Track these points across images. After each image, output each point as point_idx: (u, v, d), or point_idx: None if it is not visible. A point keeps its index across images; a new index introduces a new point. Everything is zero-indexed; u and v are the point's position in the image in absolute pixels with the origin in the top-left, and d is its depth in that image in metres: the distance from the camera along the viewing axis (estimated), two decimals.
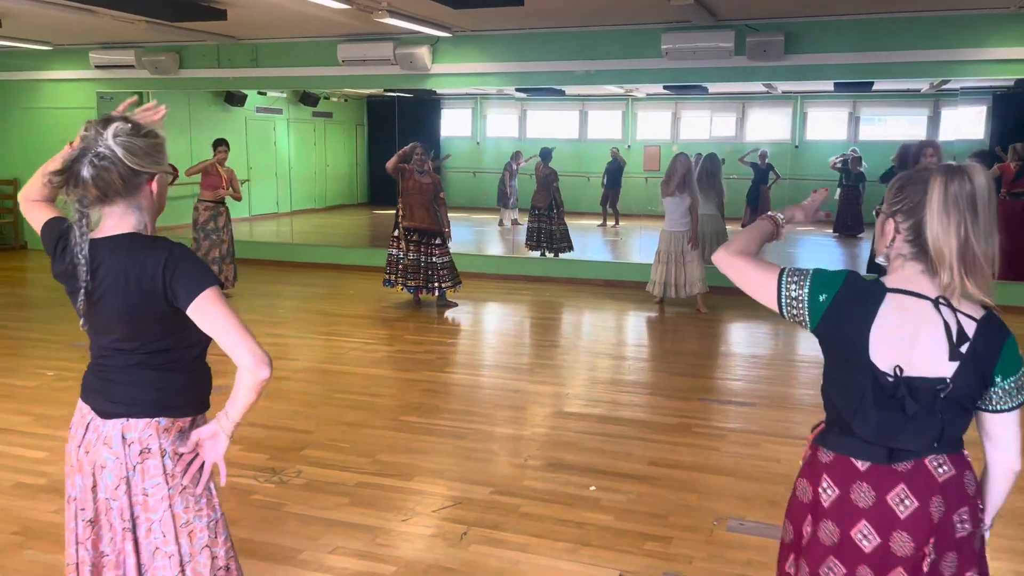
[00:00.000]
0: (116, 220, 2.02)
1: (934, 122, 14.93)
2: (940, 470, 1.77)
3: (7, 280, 9.88)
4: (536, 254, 10.92)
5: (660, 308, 8.35)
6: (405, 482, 4.08)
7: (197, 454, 2.14)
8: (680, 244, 8.01)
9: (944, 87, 11.86)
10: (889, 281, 1.80)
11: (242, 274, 9.80)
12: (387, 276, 8.30)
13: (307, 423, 4.89)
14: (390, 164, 8.03)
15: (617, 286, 9.62)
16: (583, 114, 17.74)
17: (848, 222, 12.99)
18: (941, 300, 1.73)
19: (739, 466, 4.33)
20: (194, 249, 8.40)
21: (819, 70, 8.70)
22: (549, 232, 10.98)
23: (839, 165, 13.28)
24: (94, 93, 11.50)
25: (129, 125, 1.97)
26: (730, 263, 1.92)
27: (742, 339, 7.36)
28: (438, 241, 8.14)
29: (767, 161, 13.45)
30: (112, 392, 2.07)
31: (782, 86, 13.44)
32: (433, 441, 4.64)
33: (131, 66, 10.93)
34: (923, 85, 12.29)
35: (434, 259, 8.12)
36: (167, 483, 2.07)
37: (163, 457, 2.07)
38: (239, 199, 8.67)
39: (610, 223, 14.93)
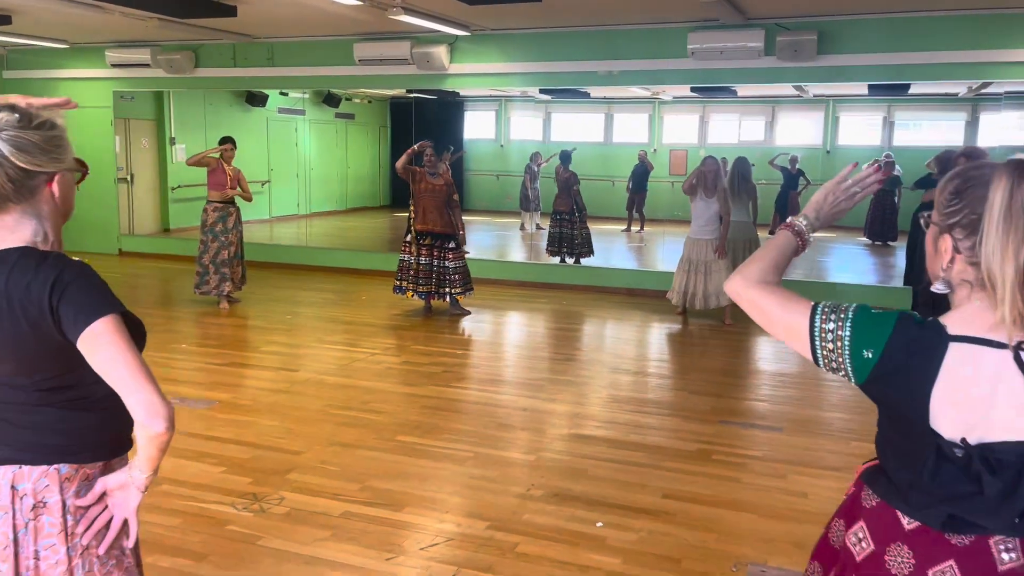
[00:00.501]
0: (6, 232, 1.68)
1: (972, 127, 14.34)
2: (1005, 556, 1.36)
3: None
4: (556, 260, 10.53)
5: (683, 319, 7.93)
6: (395, 513, 3.71)
7: (106, 507, 1.77)
8: (706, 253, 7.57)
9: (984, 91, 11.29)
10: (952, 324, 1.37)
11: (255, 277, 9.52)
12: (398, 283, 7.96)
13: (298, 442, 4.55)
14: (399, 164, 7.70)
15: (640, 295, 9.20)
16: (608, 117, 17.33)
17: (881, 229, 12.46)
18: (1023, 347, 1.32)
19: (762, 501, 3.91)
20: (201, 252, 8.12)
21: (853, 71, 8.23)
22: (570, 237, 10.58)
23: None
24: (111, 92, 11.30)
25: (16, 116, 1.62)
26: (747, 297, 1.52)
27: (769, 355, 6.92)
28: (452, 245, 7.78)
29: (797, 167, 12.96)
30: (3, 434, 1.72)
31: (813, 89, 12.93)
32: (429, 466, 4.27)
33: (147, 64, 10.73)
34: (961, 89, 11.73)
35: (447, 264, 7.77)
36: (66, 544, 1.71)
37: (62, 513, 1.71)
38: (249, 199, 8.37)
39: (635, 228, 14.51)
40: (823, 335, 1.42)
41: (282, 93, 14.89)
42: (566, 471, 4.22)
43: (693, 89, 11.94)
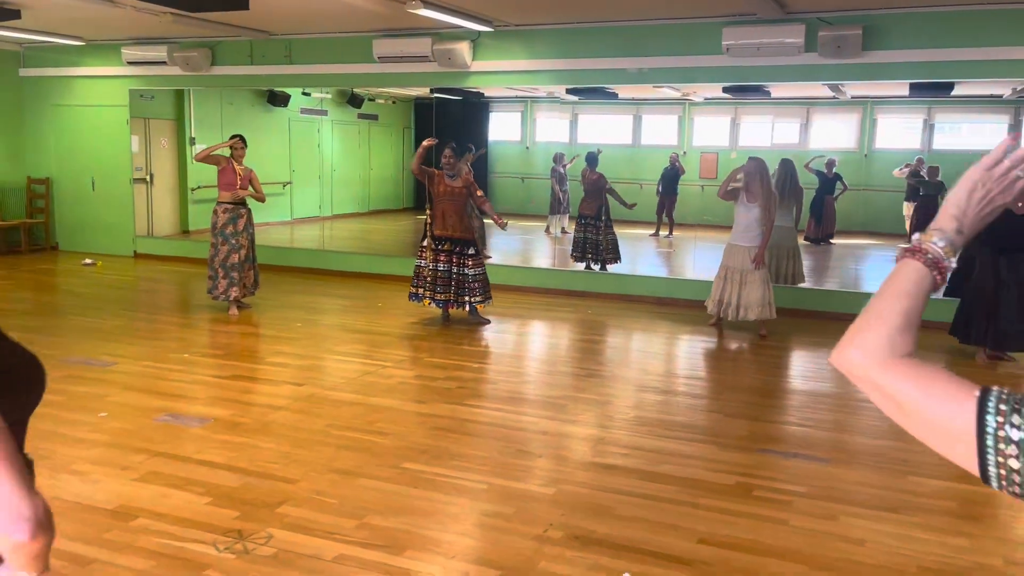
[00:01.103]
0: None
1: (1015, 131, 13.67)
2: None
3: (26, 283, 9.38)
4: (581, 266, 10.04)
5: (718, 331, 7.42)
6: (393, 556, 3.26)
7: None
8: (743, 260, 7.05)
9: None
10: None
11: (269, 282, 9.14)
12: (413, 290, 7.53)
13: (293, 469, 4.12)
14: (413, 165, 7.29)
15: (670, 304, 8.70)
16: (637, 119, 16.83)
17: None
18: None
19: (813, 548, 3.41)
20: (212, 255, 7.75)
21: (899, 69, 7.68)
22: (595, 243, 10.09)
23: (905, 174, 12.21)
24: (127, 90, 11.00)
25: None
26: (870, 382, 1.02)
27: (809, 372, 6.39)
28: (472, 251, 7.34)
29: (834, 170, 12.38)
30: None
31: (851, 90, 12.35)
32: (436, 499, 3.82)
33: (163, 62, 10.40)
34: (1006, 90, 11.08)
35: (467, 271, 7.32)
36: None
37: None
38: (262, 200, 7.98)
39: (663, 232, 14.00)
40: (1004, 445, 0.90)
41: (304, 93, 14.61)
42: (589, 508, 3.75)
43: (725, 90, 11.42)
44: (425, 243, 7.45)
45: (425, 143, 7.30)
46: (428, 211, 7.49)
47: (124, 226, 11.31)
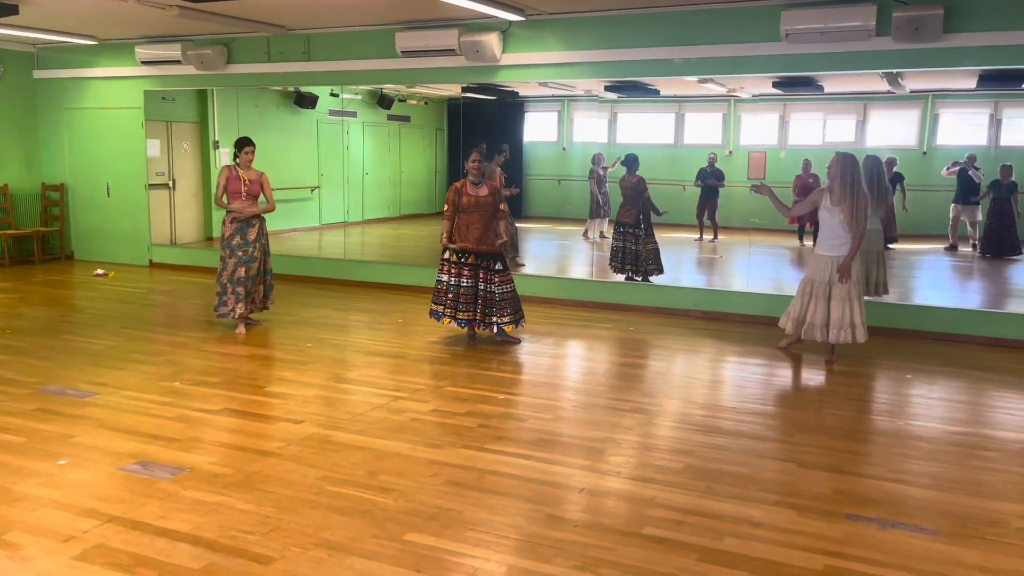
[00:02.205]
0: None
1: None
2: None
3: (31, 296, 8.75)
4: (621, 277, 9.14)
5: (788, 355, 6.45)
6: None
7: None
8: (830, 273, 6.06)
9: None
10: None
11: (286, 294, 8.44)
12: (434, 307, 6.72)
13: (272, 541, 3.31)
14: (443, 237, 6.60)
15: (720, 320, 7.77)
16: (679, 117, 15.86)
17: (1000, 241, 10.70)
18: None
19: None
20: (220, 268, 7.02)
21: (985, 54, 6.67)
22: (635, 253, 9.17)
23: (955, 173, 11.17)
24: (141, 92, 10.38)
25: None
26: None
27: (897, 407, 5.43)
28: (499, 267, 6.50)
29: (895, 170, 11.31)
30: None
31: (911, 83, 11.27)
32: None
33: (177, 61, 9.75)
34: None
35: (493, 288, 6.49)
36: None
37: None
38: (271, 209, 7.23)
39: (707, 237, 13.05)
40: None
41: (333, 94, 13.98)
42: None
43: (775, 84, 10.47)
44: (447, 255, 6.63)
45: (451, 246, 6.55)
46: (446, 221, 6.68)
47: (140, 234, 10.69)
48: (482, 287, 6.49)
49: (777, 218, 14.25)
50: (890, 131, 14.67)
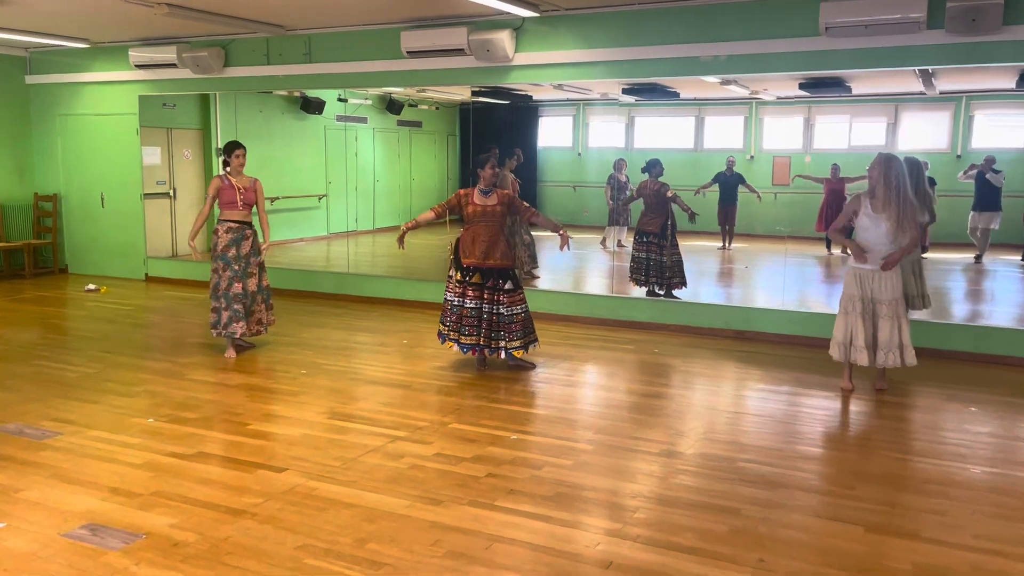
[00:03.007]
0: None
1: None
2: None
3: (12, 315, 8.16)
4: (642, 291, 8.45)
5: (847, 386, 5.68)
6: None
7: None
8: (879, 288, 5.37)
9: None
10: None
11: (285, 311, 7.83)
12: (441, 328, 6.07)
13: None
14: (429, 219, 6.05)
15: (752, 340, 7.08)
16: (699, 121, 15.16)
17: None
18: None
19: None
20: (213, 283, 6.41)
21: None
22: (659, 264, 8.47)
23: (972, 177, 10.43)
24: (136, 96, 9.80)
25: None
26: None
27: (971, 448, 4.71)
28: (509, 285, 5.84)
29: (927, 174, 10.52)
30: None
31: (943, 84, 10.53)
32: None
33: (172, 64, 9.16)
34: None
35: (502, 309, 5.83)
36: None
37: None
38: (263, 223, 6.63)
39: (733, 244, 12.38)
40: None
41: (340, 99, 13.42)
42: None
43: (802, 86, 9.81)
44: (452, 272, 5.99)
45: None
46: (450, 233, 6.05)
47: (135, 247, 10.11)
48: (487, 308, 5.83)
49: (804, 225, 13.48)
50: (921, 134, 13.91)
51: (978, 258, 10.27)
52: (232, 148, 6.52)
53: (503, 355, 5.89)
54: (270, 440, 4.59)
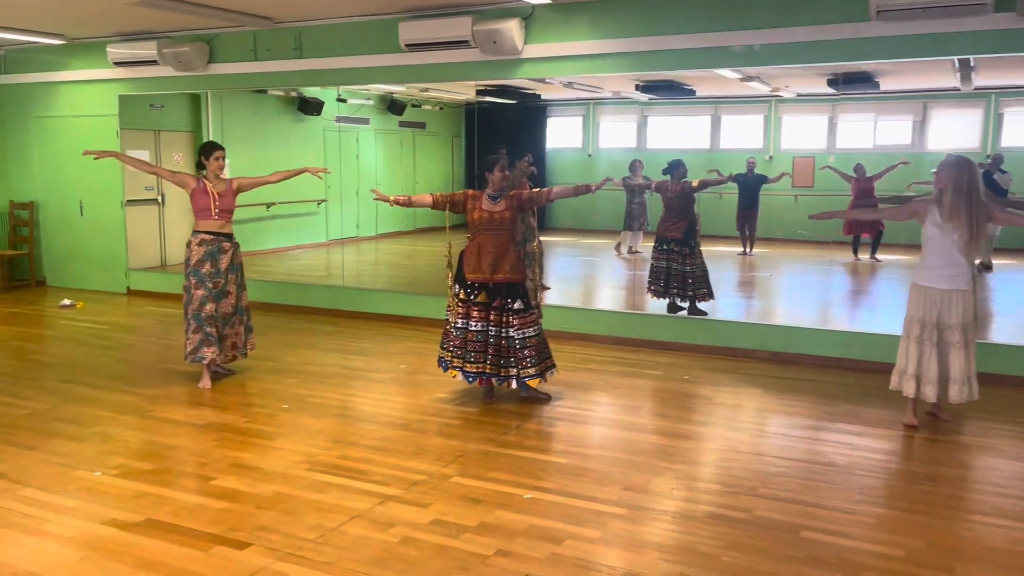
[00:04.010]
0: None
1: None
2: None
3: None
4: (661, 303, 7.61)
5: (912, 420, 4.82)
6: None
7: None
8: (949, 311, 4.56)
9: None
10: None
11: (274, 330, 7.06)
12: (442, 353, 5.27)
13: None
14: (401, 200, 5.27)
15: (793, 364, 6.24)
16: (715, 119, 14.31)
17: None
18: None
19: None
20: (185, 302, 5.62)
21: None
22: (682, 274, 7.63)
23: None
24: (116, 96, 9.02)
25: None
26: None
27: None
28: (519, 305, 5.03)
29: (1000, 168, 9.69)
30: None
31: (979, 79, 9.68)
32: None
33: (153, 61, 8.36)
34: None
35: (511, 332, 5.02)
36: None
37: None
38: (275, 181, 5.96)
39: (755, 249, 11.57)
40: None
41: (339, 100, 12.64)
42: None
43: (831, 83, 9.01)
44: (454, 288, 5.18)
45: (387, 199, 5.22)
46: (451, 247, 5.24)
47: (116, 258, 9.32)
48: (494, 331, 5.02)
49: (826, 230, 12.54)
50: (950, 132, 13.04)
51: (986, 267, 9.38)
52: (211, 149, 5.72)
53: (514, 384, 5.07)
54: (235, 501, 3.77)
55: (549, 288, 9.04)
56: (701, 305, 7.49)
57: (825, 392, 5.52)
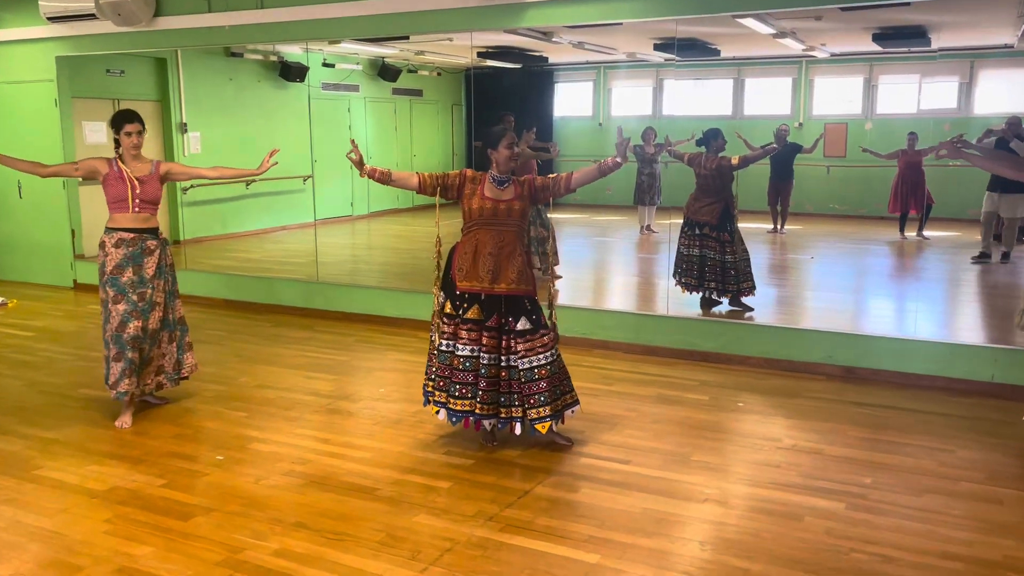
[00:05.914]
0: None
1: None
2: None
3: None
4: (693, 297, 6.24)
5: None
6: None
7: None
8: None
9: None
10: None
11: (235, 333, 5.72)
12: (426, 384, 3.93)
13: None
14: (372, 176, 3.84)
15: (869, 382, 4.87)
16: (738, 83, 12.82)
17: None
18: None
19: None
20: (104, 318, 4.28)
21: None
22: (719, 264, 6.23)
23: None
24: (53, 59, 7.60)
25: None
26: None
27: None
28: (523, 325, 3.66)
29: (1011, 145, 8.09)
30: None
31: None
32: None
33: (91, 15, 6.94)
34: None
35: (515, 360, 3.66)
36: None
37: None
38: (254, 173, 4.56)
39: (788, 227, 10.21)
40: None
41: (326, 64, 11.24)
42: None
43: (876, 38, 7.68)
44: (442, 300, 3.81)
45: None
46: (439, 245, 3.87)
47: (62, 246, 7.96)
48: (488, 359, 3.67)
49: (863, 204, 10.98)
50: (1000, 96, 11.53)
51: (984, 256, 7.96)
52: (122, 120, 4.32)
53: (518, 429, 3.73)
54: None
55: (560, 278, 7.67)
56: (746, 300, 6.12)
57: (924, 427, 4.16)
